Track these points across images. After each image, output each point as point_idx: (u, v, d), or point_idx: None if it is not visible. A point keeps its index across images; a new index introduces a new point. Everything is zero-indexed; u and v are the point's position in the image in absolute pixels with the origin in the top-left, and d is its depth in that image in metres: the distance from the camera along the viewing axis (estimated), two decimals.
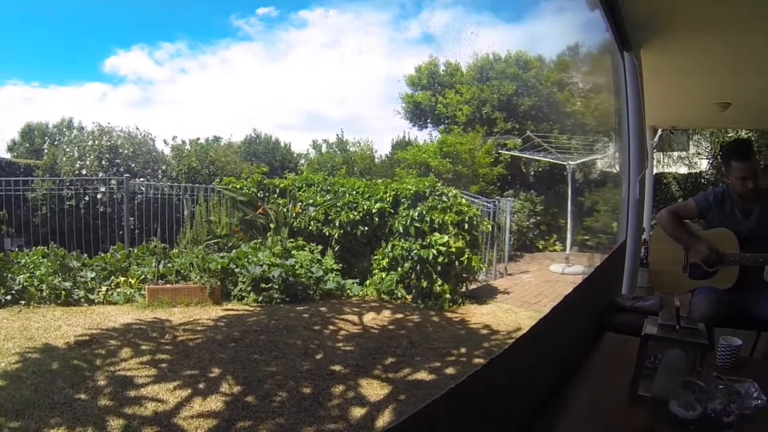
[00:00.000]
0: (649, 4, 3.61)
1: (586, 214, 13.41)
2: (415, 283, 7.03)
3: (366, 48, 31.81)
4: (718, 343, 2.19)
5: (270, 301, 6.37)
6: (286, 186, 8.78)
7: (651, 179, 8.59)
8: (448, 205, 7.38)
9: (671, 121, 8.78)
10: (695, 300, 2.92)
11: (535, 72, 16.14)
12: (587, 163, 13.80)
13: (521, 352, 1.60)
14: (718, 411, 1.59)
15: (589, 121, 15.57)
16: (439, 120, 16.31)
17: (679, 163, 14.87)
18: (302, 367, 4.27)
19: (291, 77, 32.84)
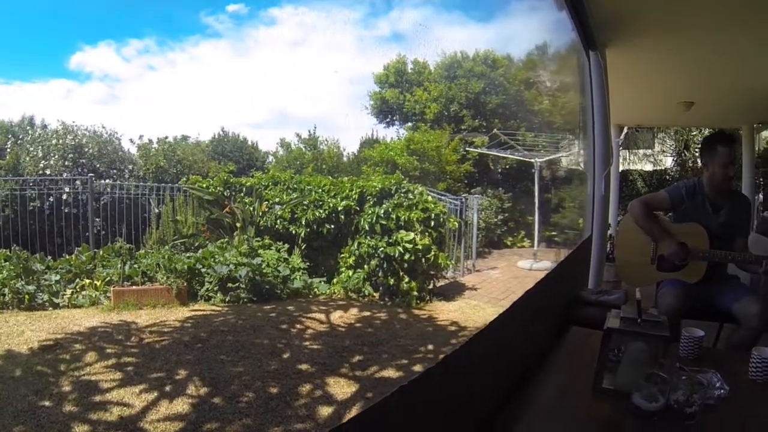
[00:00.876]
0: (614, 5, 3.68)
1: (553, 211, 13.58)
2: (382, 280, 7.08)
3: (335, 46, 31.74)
4: (681, 334, 2.23)
5: (237, 301, 6.37)
6: (253, 184, 8.72)
7: (617, 176, 8.78)
8: (413, 203, 7.43)
9: (637, 120, 9.00)
10: (662, 292, 2.96)
11: (503, 70, 16.26)
12: (554, 161, 13.95)
13: (478, 348, 1.58)
14: (681, 402, 1.61)
15: (556, 119, 15.77)
16: (406, 118, 16.36)
17: (645, 160, 15.33)
18: (269, 367, 4.30)
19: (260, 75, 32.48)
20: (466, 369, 1.49)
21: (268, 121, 30.86)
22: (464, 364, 1.47)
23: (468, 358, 1.49)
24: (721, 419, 1.64)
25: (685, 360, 2.12)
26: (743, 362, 2.02)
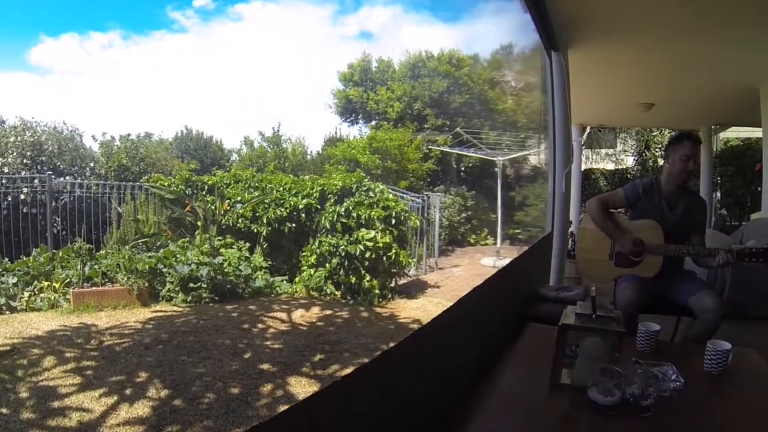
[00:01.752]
0: (576, 7, 3.77)
1: (516, 209, 13.70)
2: (344, 279, 7.11)
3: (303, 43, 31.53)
4: (638, 329, 2.26)
5: (199, 301, 6.34)
6: (215, 183, 8.65)
7: (579, 174, 8.95)
8: (374, 201, 7.47)
9: (599, 120, 9.29)
10: (619, 288, 3.00)
11: (468, 70, 16.43)
12: (517, 159, 14.10)
13: (419, 346, 1.55)
14: (637, 395, 1.61)
15: (519, 118, 15.97)
16: (370, 116, 16.41)
17: (607, 159, 15.78)
18: (231, 367, 4.32)
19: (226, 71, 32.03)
20: (404, 367, 1.46)
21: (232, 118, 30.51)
22: (401, 363, 1.44)
23: (407, 356, 1.47)
24: (676, 411, 1.67)
25: (642, 354, 2.15)
26: (699, 355, 2.06)
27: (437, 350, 1.67)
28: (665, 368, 1.86)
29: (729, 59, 5.00)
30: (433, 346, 1.64)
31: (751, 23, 3.96)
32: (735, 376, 1.99)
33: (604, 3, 3.77)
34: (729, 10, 3.72)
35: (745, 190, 10.79)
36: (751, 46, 4.57)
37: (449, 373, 1.81)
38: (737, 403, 1.81)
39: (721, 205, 11.30)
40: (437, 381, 1.69)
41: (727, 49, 4.69)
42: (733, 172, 10.90)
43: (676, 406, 1.68)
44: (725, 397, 1.86)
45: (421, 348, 1.54)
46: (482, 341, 2.19)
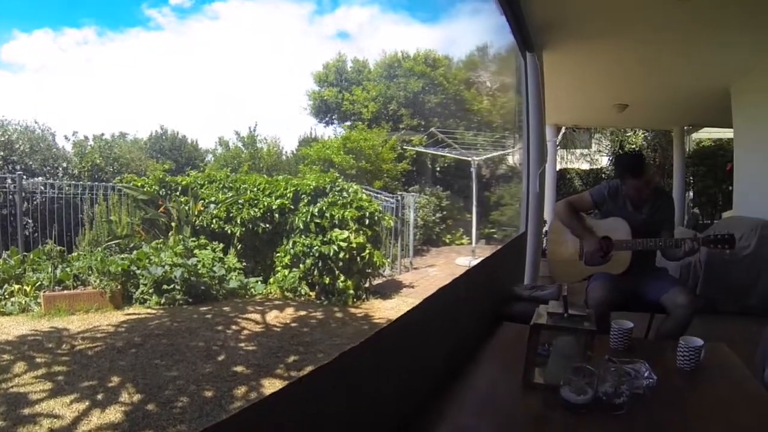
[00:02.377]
0: (551, 9, 3.81)
1: (492, 208, 13.76)
2: (318, 279, 7.12)
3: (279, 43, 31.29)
4: (611, 327, 2.26)
5: (173, 303, 6.30)
6: (188, 183, 8.54)
7: (554, 174, 9.06)
8: (348, 201, 7.47)
9: (574, 120, 9.35)
10: (591, 286, 3.01)
11: (443, 70, 16.52)
12: (493, 159, 14.18)
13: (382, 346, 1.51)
14: (609, 393, 1.61)
15: (495, 118, 16.11)
16: (345, 116, 16.40)
17: (582, 159, 15.85)
18: (204, 370, 4.31)
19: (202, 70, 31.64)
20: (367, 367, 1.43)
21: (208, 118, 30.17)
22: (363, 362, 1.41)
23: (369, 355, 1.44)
24: (649, 408, 1.66)
25: (615, 351, 2.16)
26: (672, 351, 2.06)
27: (402, 350, 1.64)
28: (638, 365, 1.86)
29: (701, 62, 5.11)
30: (398, 345, 1.61)
31: (722, 26, 4.06)
32: (707, 372, 2.00)
33: (579, 5, 3.79)
34: (701, 13, 3.80)
35: (716, 189, 10.94)
36: (723, 49, 4.68)
37: (418, 373, 1.78)
38: (710, 399, 1.81)
39: (694, 204, 11.48)
40: (405, 381, 1.66)
41: (699, 52, 4.79)
42: (704, 171, 11.06)
43: (649, 403, 1.68)
44: (698, 393, 1.86)
45: (384, 348, 1.50)
46: (454, 340, 2.16)
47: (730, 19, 3.92)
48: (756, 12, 3.79)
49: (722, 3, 3.64)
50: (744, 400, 1.75)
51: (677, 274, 4.72)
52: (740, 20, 3.96)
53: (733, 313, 4.78)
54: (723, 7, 3.69)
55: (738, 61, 5.11)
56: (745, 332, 3.98)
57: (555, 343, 1.84)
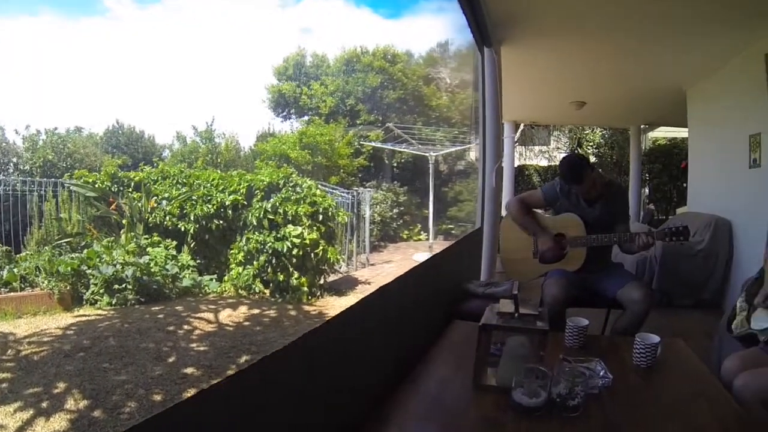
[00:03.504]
0: (509, 3, 3.72)
1: (450, 204, 13.85)
2: (272, 276, 7.10)
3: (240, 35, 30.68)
4: (566, 324, 2.19)
5: (124, 303, 6.17)
6: (141, 179, 8.33)
7: (512, 170, 9.03)
8: (301, 197, 7.43)
9: (532, 117, 9.33)
10: (546, 283, 2.94)
11: (402, 66, 16.56)
12: (452, 155, 14.25)
13: (314, 348, 1.36)
14: (563, 395, 1.54)
15: (454, 114, 16.24)
16: (302, 111, 16.28)
17: (540, 156, 15.89)
18: (154, 373, 4.26)
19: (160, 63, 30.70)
20: (295, 372, 1.30)
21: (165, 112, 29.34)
22: (291, 368, 1.27)
23: (299, 358, 1.31)
24: (604, 408, 1.62)
25: (570, 350, 2.11)
26: (628, 348, 2.02)
27: (338, 353, 1.52)
28: (594, 364, 1.84)
29: (658, 62, 5.14)
30: (333, 348, 1.48)
31: (678, 28, 4.11)
32: (664, 369, 1.96)
33: (537, 1, 3.74)
34: (659, 16, 3.83)
35: (671, 186, 11.21)
36: (679, 50, 4.74)
37: (362, 375, 1.67)
38: (667, 397, 1.76)
39: (649, 201, 11.61)
40: (344, 386, 1.55)
41: (656, 52, 4.82)
42: (660, 169, 11.32)
43: (605, 403, 1.64)
44: (654, 391, 1.80)
45: (316, 351, 1.38)
46: (401, 341, 2.06)
47: (687, 24, 3.99)
48: (711, 19, 3.89)
49: (681, 6, 3.68)
50: (701, 396, 1.72)
51: (633, 268, 4.80)
52: (696, 26, 4.04)
53: (687, 307, 4.88)
54: (682, 10, 3.74)
55: (694, 65, 5.19)
56: (700, 325, 4.15)
57: (507, 344, 1.76)
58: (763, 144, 4.26)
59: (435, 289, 2.67)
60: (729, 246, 4.84)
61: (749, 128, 4.45)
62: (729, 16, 3.85)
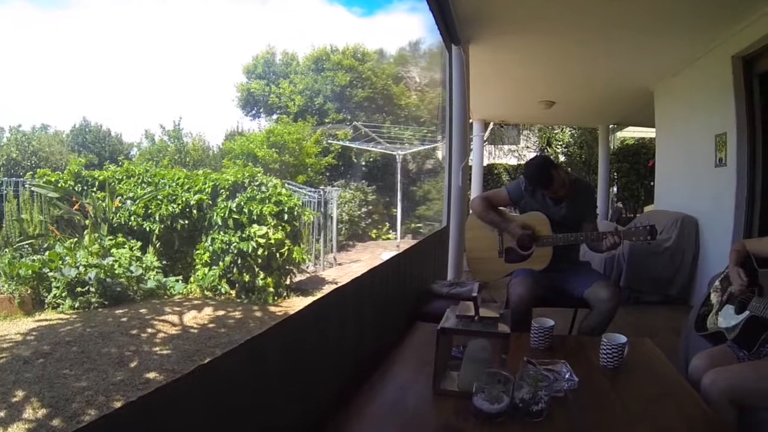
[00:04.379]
0: (477, 1, 3.67)
1: (419, 203, 13.81)
2: (238, 277, 7.04)
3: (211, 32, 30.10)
4: (532, 325, 2.13)
5: (88, 306, 6.04)
6: (106, 178, 8.10)
7: (480, 169, 9.11)
8: (266, 196, 7.36)
9: (501, 116, 9.33)
10: (512, 283, 2.84)
11: (372, 65, 16.47)
12: (420, 154, 14.18)
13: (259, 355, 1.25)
14: (527, 400, 1.47)
15: (423, 113, 16.21)
16: (271, 110, 16.12)
17: (510, 155, 15.95)
18: (115, 379, 4.19)
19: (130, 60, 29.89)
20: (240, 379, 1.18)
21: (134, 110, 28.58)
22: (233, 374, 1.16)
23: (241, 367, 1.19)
24: (570, 411, 1.55)
25: (536, 351, 2.06)
26: (595, 349, 1.97)
27: (292, 356, 1.42)
28: (559, 366, 1.78)
29: (626, 63, 5.22)
30: (285, 352, 1.38)
31: (646, 30, 4.16)
32: (631, 370, 1.91)
33: (506, 1, 3.74)
34: (625, 16, 3.87)
35: (639, 184, 11.31)
36: (647, 52, 4.81)
37: (316, 381, 1.58)
38: (634, 398, 1.70)
39: (618, 199, 11.74)
40: (298, 390, 1.46)
41: (624, 53, 4.88)
42: (628, 168, 11.43)
43: (571, 406, 1.58)
44: (621, 393, 1.73)
45: (265, 354, 1.28)
46: (361, 344, 1.96)
47: (654, 26, 4.07)
48: (678, 21, 3.98)
49: (648, 9, 3.74)
50: (668, 397, 1.68)
51: (601, 266, 4.79)
52: (663, 28, 4.13)
53: (655, 303, 4.91)
54: (648, 13, 3.80)
55: (661, 66, 5.24)
56: (668, 322, 4.25)
57: (468, 347, 1.69)
58: (728, 143, 4.33)
59: (397, 290, 2.58)
60: (695, 243, 4.90)
61: (715, 128, 4.52)
62: (695, 19, 3.95)
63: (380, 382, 1.80)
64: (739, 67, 4.18)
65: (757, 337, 1.92)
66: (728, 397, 1.76)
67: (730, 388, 1.77)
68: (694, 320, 2.38)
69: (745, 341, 1.97)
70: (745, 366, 1.90)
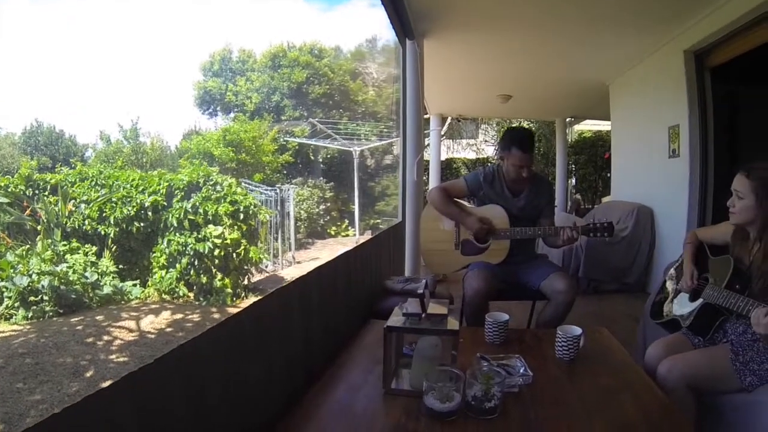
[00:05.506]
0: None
1: (378, 199, 13.71)
2: (195, 279, 6.92)
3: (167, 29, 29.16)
4: (486, 320, 2.07)
5: (42, 316, 5.85)
6: (58, 181, 7.78)
7: (438, 163, 9.10)
8: (222, 195, 7.24)
9: (459, 110, 9.20)
10: (467, 276, 2.76)
11: (329, 61, 16.25)
12: (378, 149, 14.04)
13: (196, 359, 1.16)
14: (479, 397, 1.43)
15: (380, 109, 16.04)
16: (228, 108, 15.81)
17: (468, 149, 15.82)
18: (70, 390, 4.13)
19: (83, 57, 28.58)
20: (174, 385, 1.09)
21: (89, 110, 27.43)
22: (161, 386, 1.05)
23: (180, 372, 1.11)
24: (524, 406, 1.51)
25: (491, 345, 2.02)
26: (550, 341, 1.93)
27: (232, 361, 1.33)
28: (513, 361, 1.74)
29: (581, 58, 5.23)
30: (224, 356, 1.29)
31: (600, 26, 4.20)
32: (587, 361, 1.87)
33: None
34: (579, 12, 3.88)
35: (596, 176, 11.40)
36: (601, 47, 4.83)
37: (260, 386, 1.49)
38: (590, 389, 1.66)
39: (576, 190, 11.75)
40: (239, 396, 1.37)
41: (579, 48, 4.88)
42: (585, 160, 11.50)
43: (525, 401, 1.54)
44: (577, 385, 1.69)
45: (201, 361, 1.19)
46: (310, 344, 1.89)
47: (608, 21, 4.09)
48: (632, 17, 4.00)
49: (600, 6, 3.76)
50: (624, 387, 1.66)
51: (560, 258, 4.81)
52: (618, 24, 4.15)
53: (613, 292, 4.97)
54: (602, 9, 3.82)
55: (616, 61, 5.28)
56: (626, 309, 4.35)
57: (418, 345, 1.63)
58: (681, 135, 4.40)
59: (349, 287, 2.48)
60: (651, 232, 4.96)
61: (668, 120, 4.58)
62: (648, 16, 3.99)
63: (331, 382, 1.75)
64: (691, 62, 4.27)
65: (711, 324, 1.93)
66: (685, 383, 1.77)
67: (686, 375, 1.78)
68: (650, 308, 2.40)
69: (700, 328, 1.98)
70: (700, 353, 1.91)
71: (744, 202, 1.81)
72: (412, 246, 4.21)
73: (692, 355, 1.90)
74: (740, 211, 1.84)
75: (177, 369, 1.10)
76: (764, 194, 1.77)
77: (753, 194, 1.79)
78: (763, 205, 1.77)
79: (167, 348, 1.08)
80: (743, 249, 1.93)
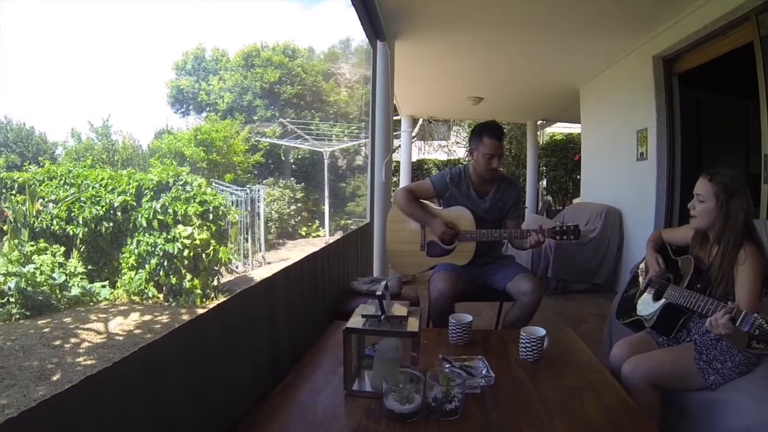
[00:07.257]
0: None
1: (349, 199, 13.58)
2: (165, 280, 6.81)
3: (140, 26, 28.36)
4: (449, 321, 2.05)
5: (9, 318, 5.68)
6: (26, 180, 7.54)
7: (409, 165, 9.03)
8: (191, 195, 7.12)
9: (430, 112, 9.16)
10: (433, 278, 2.70)
11: (302, 61, 16.08)
12: (350, 150, 13.92)
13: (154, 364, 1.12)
14: (440, 399, 1.41)
15: (352, 110, 15.92)
16: (201, 107, 15.51)
17: (440, 150, 15.76)
18: (36, 394, 4.04)
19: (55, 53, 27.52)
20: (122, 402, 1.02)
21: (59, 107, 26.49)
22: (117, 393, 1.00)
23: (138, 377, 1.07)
24: (486, 408, 1.49)
25: (455, 347, 1.98)
26: (515, 342, 1.91)
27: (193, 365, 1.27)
28: (476, 362, 1.72)
29: (552, 61, 5.22)
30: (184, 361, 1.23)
31: (571, 31, 4.21)
32: (551, 362, 1.85)
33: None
34: (549, 17, 3.88)
35: (567, 178, 11.45)
36: (572, 52, 4.84)
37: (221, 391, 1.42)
38: (553, 390, 1.64)
39: (547, 192, 11.76)
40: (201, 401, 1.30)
41: (549, 52, 4.87)
42: (556, 162, 11.54)
43: (487, 402, 1.52)
44: (541, 386, 1.66)
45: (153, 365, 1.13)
46: (276, 346, 1.84)
47: (578, 27, 4.10)
48: (602, 23, 4.06)
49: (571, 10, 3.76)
50: (588, 387, 1.64)
51: (529, 258, 4.81)
52: (587, 29, 4.18)
53: (582, 292, 4.96)
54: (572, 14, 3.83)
55: (586, 65, 5.30)
56: (595, 309, 4.40)
57: (378, 347, 1.61)
58: (649, 138, 4.42)
59: (316, 288, 2.42)
60: (620, 233, 4.98)
61: (637, 124, 4.62)
62: (618, 22, 4.03)
63: (294, 383, 1.71)
64: (659, 67, 4.32)
65: (674, 323, 1.93)
66: (649, 383, 1.78)
67: (650, 375, 1.78)
68: (619, 303, 2.40)
69: (663, 328, 1.97)
70: (664, 352, 1.92)
71: (705, 205, 1.86)
72: (380, 247, 4.18)
73: (656, 354, 1.92)
74: (701, 214, 1.88)
75: (139, 371, 1.08)
76: (725, 198, 1.81)
77: (714, 198, 1.82)
78: (723, 209, 1.82)
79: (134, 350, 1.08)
80: (703, 251, 1.96)
